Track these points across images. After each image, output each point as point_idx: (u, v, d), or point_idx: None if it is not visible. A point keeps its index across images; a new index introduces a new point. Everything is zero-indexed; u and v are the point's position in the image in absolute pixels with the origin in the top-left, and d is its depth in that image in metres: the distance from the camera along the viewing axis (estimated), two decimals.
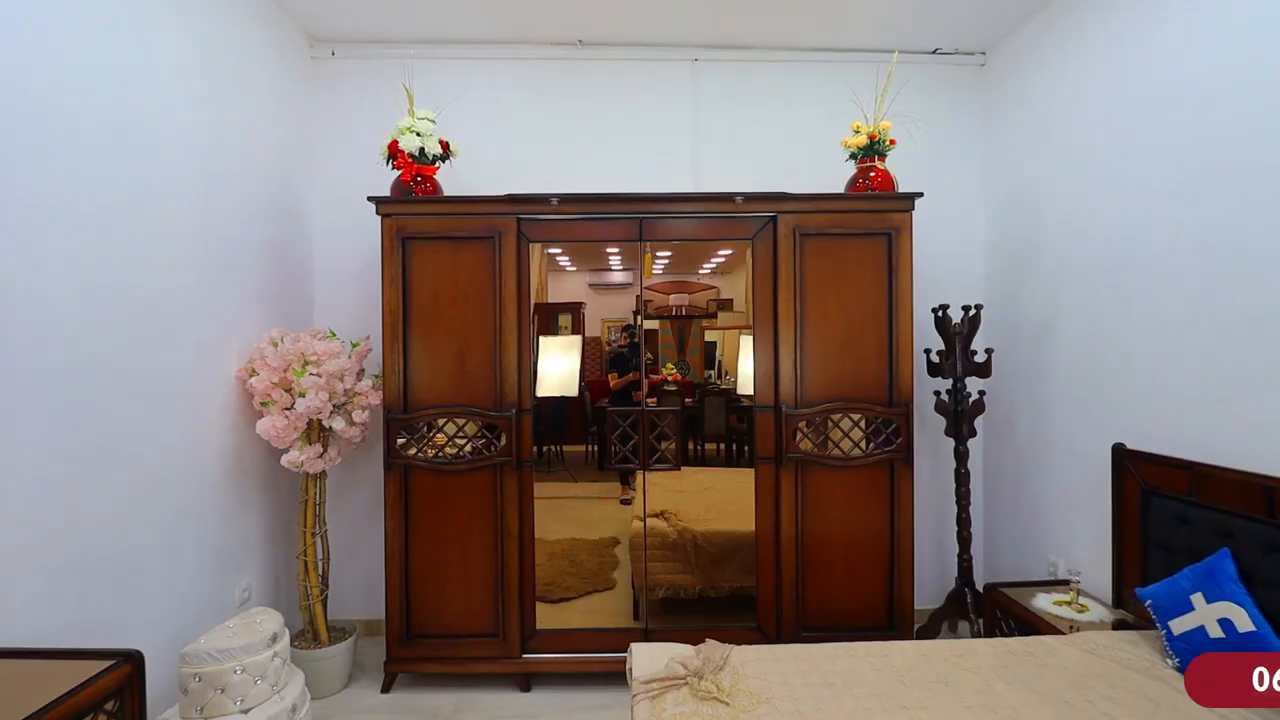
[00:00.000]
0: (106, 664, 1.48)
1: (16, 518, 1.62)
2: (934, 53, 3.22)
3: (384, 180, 2.86)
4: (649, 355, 2.92)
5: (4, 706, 1.31)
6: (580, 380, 3.16)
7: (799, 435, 2.65)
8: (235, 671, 1.91)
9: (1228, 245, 2.00)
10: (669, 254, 2.97)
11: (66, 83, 1.77)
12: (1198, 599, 1.86)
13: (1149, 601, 2.00)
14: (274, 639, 2.04)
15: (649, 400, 2.81)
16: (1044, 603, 2.39)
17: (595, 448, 3.18)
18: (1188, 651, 1.85)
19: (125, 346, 1.97)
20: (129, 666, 1.51)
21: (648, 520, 2.79)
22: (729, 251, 2.91)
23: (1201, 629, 1.83)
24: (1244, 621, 1.75)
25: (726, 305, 3.14)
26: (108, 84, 1.91)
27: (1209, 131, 2.06)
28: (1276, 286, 1.86)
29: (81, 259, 1.82)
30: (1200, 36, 2.09)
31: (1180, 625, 1.89)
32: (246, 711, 1.91)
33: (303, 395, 2.41)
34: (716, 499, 2.97)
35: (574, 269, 3.09)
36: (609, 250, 2.92)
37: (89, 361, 1.84)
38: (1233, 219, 1.98)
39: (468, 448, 2.63)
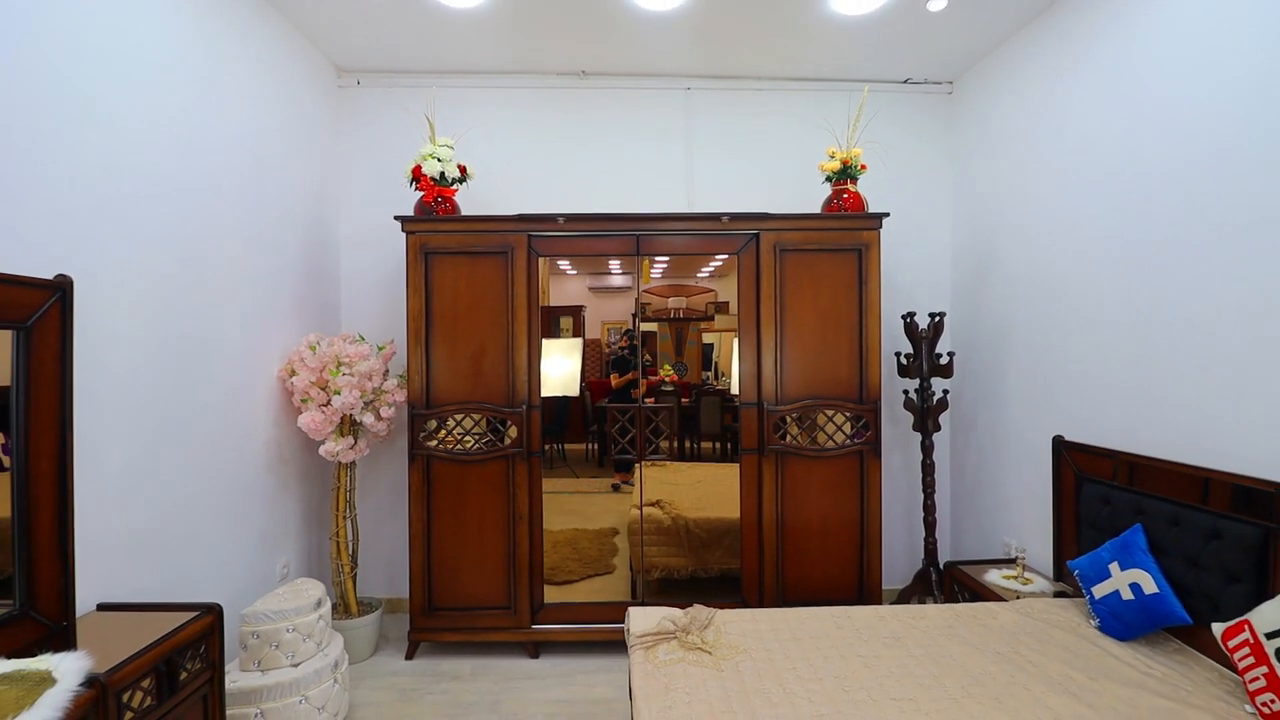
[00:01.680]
0: (193, 614, 1.79)
1: (110, 498, 1.92)
2: (905, 82, 3.53)
3: (402, 196, 3.18)
4: (647, 357, 3.21)
5: (120, 644, 1.61)
6: (581, 380, 3.44)
7: (779, 429, 2.95)
8: (287, 630, 2.21)
9: (1154, 264, 2.29)
10: (667, 260, 3.24)
11: (150, 103, 2.09)
12: (1114, 567, 2.17)
13: (1077, 572, 2.31)
14: (318, 604, 2.34)
15: (647, 400, 3.11)
16: (994, 577, 2.70)
17: (595, 445, 3.47)
18: (1105, 612, 2.16)
19: (189, 349, 2.27)
20: (211, 617, 1.82)
21: (645, 509, 3.09)
22: (726, 256, 3.19)
23: (1116, 593, 2.14)
24: (1150, 585, 2.06)
25: (723, 308, 3.40)
26: (177, 112, 2.22)
27: (1142, 161, 2.34)
28: (1194, 302, 2.13)
29: (156, 269, 2.12)
30: (1133, 84, 2.39)
31: (1100, 590, 2.20)
32: (296, 665, 2.22)
33: (338, 393, 2.71)
34: (708, 490, 3.26)
35: (574, 273, 3.36)
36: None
37: (161, 367, 2.14)
38: (1159, 240, 2.27)
39: (484, 441, 2.93)
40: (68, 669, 1.41)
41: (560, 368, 3.35)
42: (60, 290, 1.68)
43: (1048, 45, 2.83)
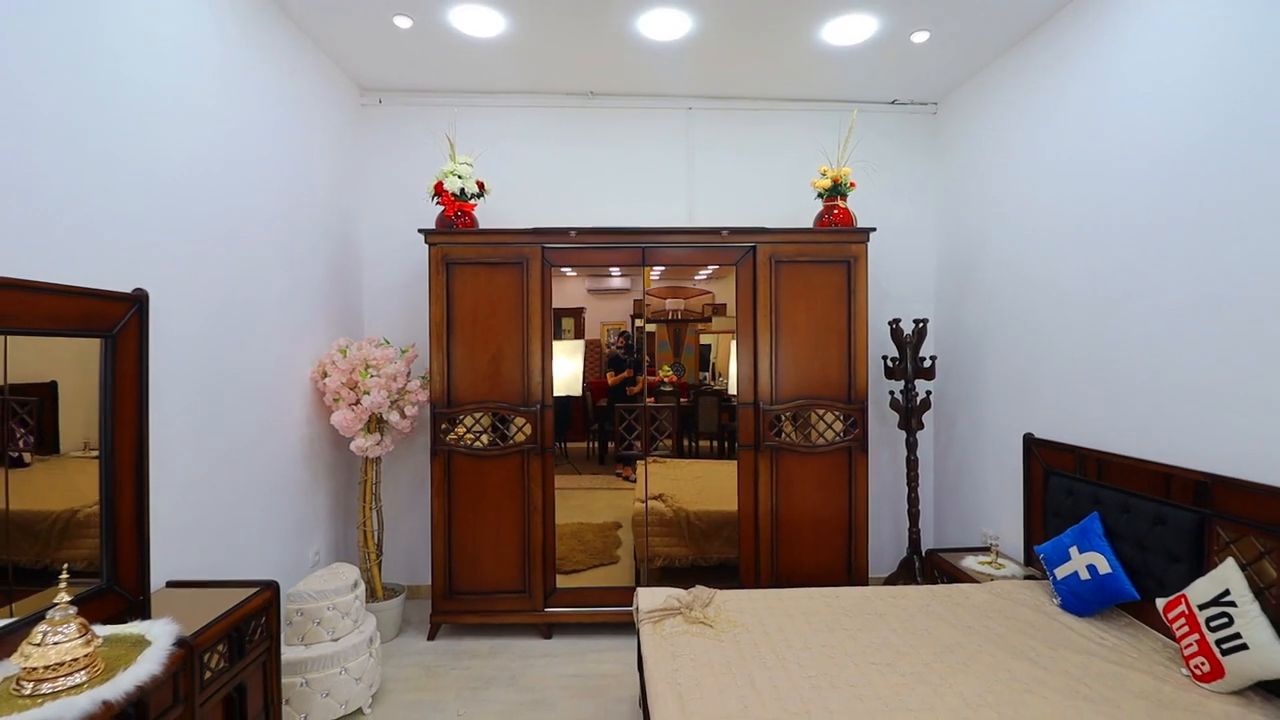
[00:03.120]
0: (254, 589, 2.02)
1: (175, 489, 2.14)
2: (893, 103, 3.77)
3: (419, 207, 3.41)
4: (647, 358, 3.43)
5: (191, 615, 1.83)
6: (582, 381, 3.65)
7: (774, 427, 3.19)
8: (328, 609, 2.44)
9: (1113, 278, 2.53)
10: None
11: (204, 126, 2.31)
12: (1074, 551, 2.41)
13: (1042, 556, 2.55)
14: (355, 585, 2.57)
15: (647, 400, 3.34)
16: (971, 563, 2.95)
17: (596, 444, 3.68)
18: (1066, 591, 2.41)
19: (236, 355, 2.49)
20: (270, 592, 2.04)
21: (648, 502, 3.32)
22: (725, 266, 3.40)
23: (1075, 574, 2.38)
24: (1104, 566, 2.30)
25: (721, 310, 3.62)
26: (222, 137, 2.44)
27: (1104, 179, 2.58)
28: (1146, 315, 2.38)
29: (210, 283, 2.34)
30: (1098, 108, 2.62)
31: (1061, 572, 2.44)
32: (336, 640, 2.45)
33: (367, 393, 2.94)
34: (707, 485, 3.49)
35: (574, 275, 3.54)
36: None
37: (214, 371, 2.36)
38: (1118, 255, 2.51)
39: (497, 436, 3.16)
40: (159, 632, 1.64)
41: (563, 369, 3.56)
42: (138, 303, 1.91)
43: (1023, 72, 3.06)
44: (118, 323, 1.84)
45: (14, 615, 1.58)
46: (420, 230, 3.12)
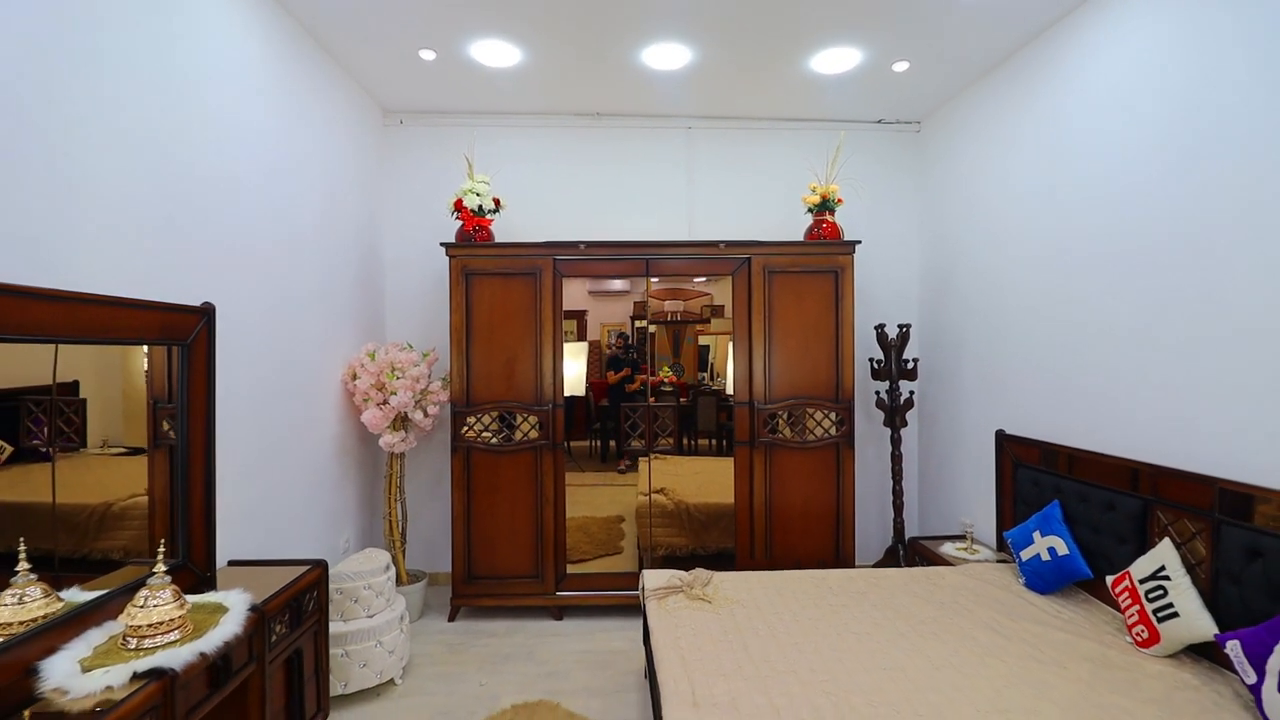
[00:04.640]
0: (306, 567, 2.28)
1: (233, 481, 2.40)
2: (879, 122, 4.04)
3: (437, 220, 3.67)
4: (645, 360, 3.68)
5: (253, 589, 2.09)
6: (585, 381, 3.89)
7: (768, 424, 3.45)
8: (365, 588, 2.70)
9: (1075, 286, 2.80)
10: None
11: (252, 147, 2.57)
12: (1036, 535, 2.68)
13: (1010, 540, 2.82)
14: (387, 568, 2.83)
15: (650, 400, 3.60)
16: (949, 549, 3.21)
17: (599, 442, 3.93)
18: (1030, 571, 2.67)
19: (281, 361, 2.75)
20: (319, 570, 2.30)
21: (651, 495, 3.58)
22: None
23: (1037, 555, 2.65)
24: (1062, 548, 2.57)
25: (719, 311, 3.87)
26: (269, 167, 2.70)
27: (1060, 207, 2.86)
28: (1107, 322, 2.64)
29: (261, 297, 2.60)
30: (1065, 128, 2.89)
31: (1026, 554, 2.71)
32: (371, 616, 2.71)
33: (394, 394, 3.20)
34: (706, 480, 3.74)
35: (576, 278, 3.79)
36: None
37: (263, 381, 2.61)
38: (1080, 265, 2.78)
39: (506, 434, 3.43)
40: (235, 600, 1.90)
41: (569, 370, 3.79)
42: (207, 315, 2.17)
43: (998, 95, 3.32)
44: (191, 333, 2.10)
45: (62, 600, 1.63)
46: (442, 244, 3.39)
